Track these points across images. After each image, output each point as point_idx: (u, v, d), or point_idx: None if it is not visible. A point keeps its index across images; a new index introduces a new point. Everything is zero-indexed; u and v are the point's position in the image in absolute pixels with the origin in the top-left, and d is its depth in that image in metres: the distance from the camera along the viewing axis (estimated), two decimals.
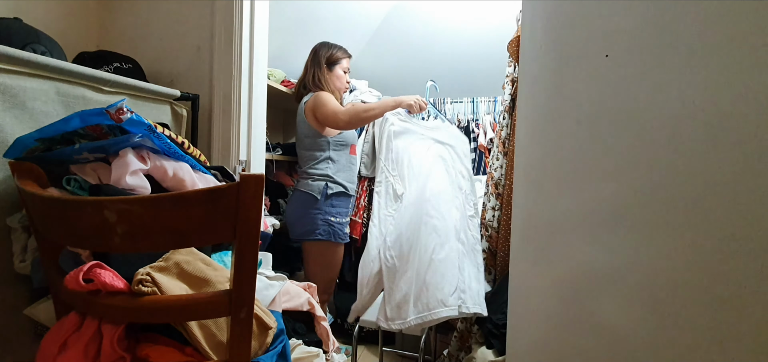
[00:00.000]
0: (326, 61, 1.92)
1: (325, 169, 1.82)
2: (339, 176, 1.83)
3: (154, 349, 0.75)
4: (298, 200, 1.83)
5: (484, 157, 2.46)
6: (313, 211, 1.78)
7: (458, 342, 1.61)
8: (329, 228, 1.80)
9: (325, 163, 1.83)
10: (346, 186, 1.85)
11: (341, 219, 1.84)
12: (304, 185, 1.83)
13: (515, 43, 1.44)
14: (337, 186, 1.82)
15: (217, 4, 1.44)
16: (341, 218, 1.84)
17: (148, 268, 0.75)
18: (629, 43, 0.56)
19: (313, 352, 1.03)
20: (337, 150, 1.85)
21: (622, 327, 0.58)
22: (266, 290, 0.97)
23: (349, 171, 1.89)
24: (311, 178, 1.82)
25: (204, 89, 1.46)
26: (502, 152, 1.53)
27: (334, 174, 1.82)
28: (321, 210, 1.78)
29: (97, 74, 1.05)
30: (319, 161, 1.83)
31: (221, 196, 0.66)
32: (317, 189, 1.79)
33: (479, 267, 1.54)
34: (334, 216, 1.80)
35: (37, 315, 0.88)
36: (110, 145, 0.85)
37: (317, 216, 1.78)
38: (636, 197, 0.55)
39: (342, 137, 1.87)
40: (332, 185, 1.81)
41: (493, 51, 2.39)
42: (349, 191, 1.88)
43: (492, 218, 1.54)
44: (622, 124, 0.57)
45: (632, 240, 0.56)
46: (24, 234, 0.90)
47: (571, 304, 0.67)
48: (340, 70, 1.95)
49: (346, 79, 1.99)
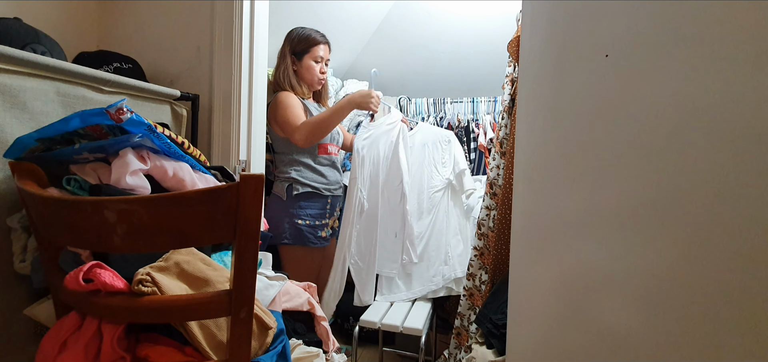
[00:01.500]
0: (293, 49, 1.75)
1: (290, 170, 1.73)
2: (306, 177, 1.73)
3: (154, 349, 0.75)
4: (270, 202, 1.77)
5: (484, 157, 2.46)
6: (281, 214, 1.71)
7: (457, 341, 1.62)
8: (296, 232, 1.70)
9: (289, 164, 1.74)
10: (315, 187, 1.74)
11: (313, 222, 1.73)
12: (275, 187, 1.77)
13: (515, 43, 1.44)
14: (303, 187, 1.71)
15: (217, 4, 1.44)
16: (313, 221, 1.73)
17: (148, 268, 0.75)
18: (629, 43, 0.56)
19: (313, 352, 1.03)
20: (301, 150, 1.74)
21: (621, 327, 0.58)
22: (266, 290, 0.97)
23: (318, 171, 1.76)
24: (279, 180, 1.75)
25: (204, 89, 1.46)
26: (499, 152, 1.53)
27: (297, 175, 1.72)
28: (287, 212, 1.70)
29: (97, 74, 1.05)
30: (284, 163, 1.75)
31: (221, 196, 0.66)
32: (282, 190, 1.72)
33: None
34: (301, 218, 1.71)
35: (37, 315, 0.88)
36: (110, 145, 0.85)
37: (284, 219, 1.70)
38: (636, 197, 0.55)
39: None
40: (297, 186, 1.71)
41: (493, 51, 2.39)
42: (320, 191, 1.76)
43: (486, 217, 1.54)
44: (622, 124, 0.57)
45: (632, 240, 0.56)
46: (24, 234, 0.90)
47: (571, 304, 0.67)
48: (311, 61, 1.75)
49: (318, 70, 1.77)
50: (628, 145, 0.56)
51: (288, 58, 1.76)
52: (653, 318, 0.54)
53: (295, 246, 1.71)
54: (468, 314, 1.58)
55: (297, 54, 1.76)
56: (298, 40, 1.76)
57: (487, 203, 1.55)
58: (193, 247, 0.85)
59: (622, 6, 0.57)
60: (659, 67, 0.52)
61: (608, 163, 0.59)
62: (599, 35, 0.61)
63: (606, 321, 0.60)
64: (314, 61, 1.77)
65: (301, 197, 1.72)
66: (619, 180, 0.58)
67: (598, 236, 0.61)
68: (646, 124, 0.54)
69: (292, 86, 1.76)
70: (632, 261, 0.56)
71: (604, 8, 0.60)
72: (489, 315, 1.27)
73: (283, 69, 1.76)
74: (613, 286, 0.59)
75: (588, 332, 0.63)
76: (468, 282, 1.59)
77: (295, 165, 1.74)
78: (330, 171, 1.82)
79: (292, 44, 1.76)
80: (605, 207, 0.60)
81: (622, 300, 0.58)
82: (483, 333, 1.29)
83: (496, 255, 1.52)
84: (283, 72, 1.76)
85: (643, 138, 0.54)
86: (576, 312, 0.65)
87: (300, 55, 1.76)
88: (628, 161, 0.56)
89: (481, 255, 1.57)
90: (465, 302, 1.59)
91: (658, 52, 0.53)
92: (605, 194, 0.60)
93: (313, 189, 1.74)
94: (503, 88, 1.56)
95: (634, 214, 0.56)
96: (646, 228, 0.54)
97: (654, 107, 0.53)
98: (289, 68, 1.76)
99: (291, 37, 1.78)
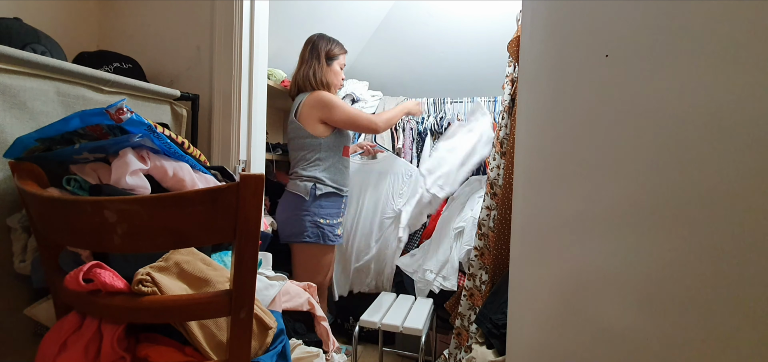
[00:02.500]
0: (326, 55, 1.85)
1: (314, 170, 1.77)
2: (328, 177, 1.78)
3: (154, 349, 0.75)
4: (286, 201, 1.79)
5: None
6: (301, 212, 1.73)
7: (458, 341, 1.62)
8: (318, 230, 1.75)
9: (314, 164, 1.78)
10: (336, 188, 1.81)
11: (332, 221, 1.79)
12: (292, 186, 1.79)
13: (515, 43, 1.44)
14: (326, 187, 1.77)
15: (217, 4, 1.44)
16: (331, 219, 1.79)
17: (148, 268, 0.75)
18: (629, 43, 0.56)
19: (313, 352, 1.03)
20: (329, 151, 1.80)
21: (622, 327, 0.58)
22: (266, 290, 0.97)
23: (339, 173, 1.84)
24: (300, 179, 1.77)
25: (204, 89, 1.46)
26: (499, 152, 1.53)
27: (322, 175, 1.77)
28: (309, 211, 1.73)
29: (97, 74, 1.05)
30: (309, 162, 1.78)
31: (221, 196, 0.66)
32: (304, 189, 1.75)
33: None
34: (322, 217, 1.75)
35: (37, 315, 0.88)
36: (110, 145, 0.85)
37: (305, 218, 1.73)
38: (636, 197, 0.55)
39: (335, 139, 1.82)
40: (321, 186, 1.76)
41: (493, 51, 2.39)
42: (340, 192, 1.83)
43: (487, 217, 1.54)
44: (622, 124, 0.57)
45: (632, 240, 0.56)
46: (24, 234, 0.90)
47: (571, 304, 0.67)
48: (337, 67, 1.88)
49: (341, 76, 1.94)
50: (628, 145, 0.56)
51: (323, 61, 1.84)
52: (653, 318, 0.54)
53: (316, 243, 1.76)
54: (468, 314, 1.58)
55: (328, 59, 1.86)
56: (329, 46, 1.86)
57: (487, 203, 1.55)
58: (193, 247, 0.85)
59: (622, 6, 0.57)
60: (659, 67, 0.52)
61: (608, 163, 0.59)
62: (599, 35, 0.61)
63: (606, 321, 0.60)
64: (340, 67, 1.90)
65: (323, 197, 1.76)
66: (619, 180, 0.58)
67: (598, 236, 0.61)
68: (646, 124, 0.54)
69: (328, 87, 1.85)
70: (632, 261, 0.56)
71: (604, 8, 0.60)
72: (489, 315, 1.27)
73: (316, 70, 1.83)
74: (613, 286, 0.59)
75: (588, 332, 0.63)
76: (468, 282, 1.59)
77: (321, 164, 1.79)
78: (348, 172, 1.93)
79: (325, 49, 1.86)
80: (605, 207, 0.60)
81: (622, 300, 0.58)
82: (483, 333, 1.29)
83: (496, 255, 1.52)
84: (317, 72, 1.82)
85: (643, 138, 0.54)
86: (576, 312, 0.65)
87: (330, 60, 1.87)
88: (627, 161, 0.56)
89: (481, 255, 1.57)
90: (465, 302, 1.60)
91: (658, 52, 0.53)
92: (605, 194, 0.60)
93: (335, 189, 1.80)
94: (503, 88, 1.56)
95: (634, 214, 0.56)
96: (646, 228, 0.54)
97: (654, 107, 0.53)
98: (323, 69, 1.83)
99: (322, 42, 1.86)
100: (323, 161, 1.78)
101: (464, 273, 1.98)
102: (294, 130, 1.81)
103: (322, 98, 1.77)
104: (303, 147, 1.80)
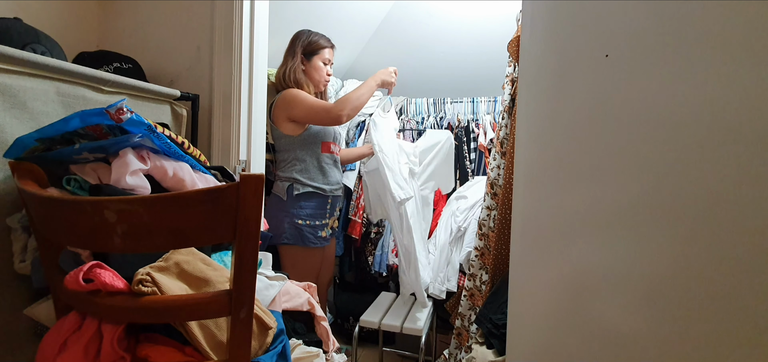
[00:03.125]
0: (303, 50, 1.78)
1: (291, 170, 1.73)
2: (306, 177, 1.73)
3: (154, 349, 0.75)
4: (270, 202, 1.77)
5: (485, 157, 2.46)
6: (281, 213, 1.70)
7: (458, 341, 1.62)
8: (296, 232, 1.69)
9: (291, 164, 1.74)
10: (316, 188, 1.74)
11: (313, 222, 1.72)
12: (275, 187, 1.77)
13: (515, 43, 1.44)
14: (304, 187, 1.71)
15: (217, 4, 1.44)
16: (313, 220, 1.72)
17: (148, 268, 0.75)
18: (629, 43, 0.56)
19: (313, 352, 1.03)
20: (305, 150, 1.75)
21: (622, 328, 0.58)
22: (266, 290, 0.97)
23: (320, 171, 1.76)
24: (279, 180, 1.75)
25: (204, 89, 1.46)
26: (499, 152, 1.52)
27: (300, 175, 1.72)
28: (287, 212, 1.70)
29: (97, 74, 1.05)
30: (287, 163, 1.75)
31: (221, 196, 0.66)
32: (282, 190, 1.72)
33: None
34: (301, 218, 1.70)
35: (37, 315, 0.88)
36: (110, 145, 0.84)
37: (284, 219, 1.70)
38: (636, 197, 0.55)
39: (309, 135, 1.75)
40: (298, 186, 1.71)
41: (493, 51, 2.39)
42: (322, 192, 1.76)
43: (487, 217, 1.54)
44: (622, 124, 0.57)
45: (632, 240, 0.56)
46: (24, 234, 0.90)
47: (571, 304, 0.67)
48: (320, 62, 1.80)
49: (326, 72, 1.83)
50: (628, 145, 0.56)
51: (298, 58, 1.78)
52: (653, 318, 0.54)
53: (294, 246, 1.71)
54: (468, 314, 1.58)
55: (307, 54, 1.80)
56: (308, 41, 1.79)
57: (487, 203, 1.55)
58: (193, 247, 0.85)
59: (622, 6, 0.57)
60: (659, 67, 0.52)
61: (608, 163, 0.59)
62: (599, 35, 0.61)
63: (606, 321, 0.60)
64: (322, 62, 1.81)
65: (301, 197, 1.71)
66: (619, 180, 0.58)
67: (598, 236, 0.61)
68: (646, 123, 0.54)
69: (299, 84, 1.78)
70: (632, 261, 0.56)
71: (604, 8, 0.60)
72: (489, 315, 1.27)
73: (290, 67, 1.77)
74: (613, 286, 0.59)
75: (588, 332, 0.63)
76: (468, 282, 1.59)
77: (298, 164, 1.74)
78: (332, 170, 1.82)
79: (303, 44, 1.79)
80: (605, 207, 0.60)
81: (622, 300, 0.58)
82: (483, 333, 1.29)
83: (497, 255, 1.52)
84: (290, 70, 1.77)
85: (643, 138, 0.54)
86: (576, 312, 0.65)
87: (309, 56, 1.80)
88: (627, 161, 0.56)
89: (481, 255, 1.57)
90: (465, 302, 1.60)
91: (658, 52, 0.53)
92: (605, 194, 0.60)
93: (315, 189, 1.74)
94: (503, 88, 1.56)
95: (634, 214, 0.56)
96: (646, 228, 0.54)
97: (654, 107, 0.53)
98: (297, 67, 1.77)
99: (301, 38, 1.80)
100: (300, 160, 1.74)
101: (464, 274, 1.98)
102: (271, 132, 1.78)
103: (287, 96, 1.71)
104: (280, 148, 1.78)
